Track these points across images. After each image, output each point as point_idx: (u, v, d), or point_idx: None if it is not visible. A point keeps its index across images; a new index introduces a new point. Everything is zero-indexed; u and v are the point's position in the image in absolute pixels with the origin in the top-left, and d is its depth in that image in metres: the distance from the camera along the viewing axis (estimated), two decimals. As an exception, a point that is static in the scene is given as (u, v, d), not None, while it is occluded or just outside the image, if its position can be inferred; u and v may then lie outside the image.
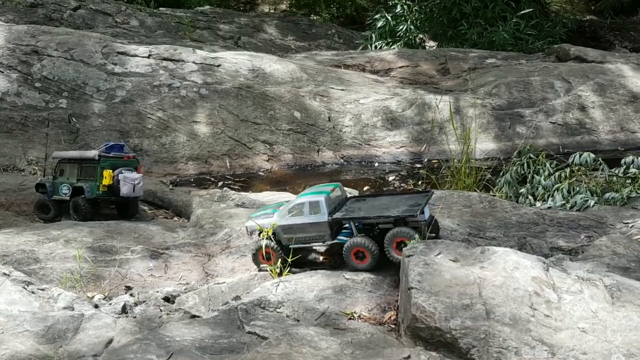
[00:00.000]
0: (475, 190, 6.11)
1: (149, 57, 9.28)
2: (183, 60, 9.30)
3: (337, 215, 4.53)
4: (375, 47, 13.41)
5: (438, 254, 3.82)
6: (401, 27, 13.17)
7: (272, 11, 17.67)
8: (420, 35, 13.49)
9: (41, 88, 8.72)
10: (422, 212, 4.34)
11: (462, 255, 3.83)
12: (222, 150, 8.54)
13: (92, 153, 6.09)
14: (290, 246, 4.66)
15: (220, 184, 8.08)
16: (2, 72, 8.71)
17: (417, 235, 4.21)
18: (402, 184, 7.91)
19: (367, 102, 8.96)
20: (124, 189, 5.93)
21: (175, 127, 8.62)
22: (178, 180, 8.17)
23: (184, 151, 8.49)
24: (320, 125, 8.78)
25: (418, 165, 8.42)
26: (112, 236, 5.55)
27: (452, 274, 3.57)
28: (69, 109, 8.62)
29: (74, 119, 8.55)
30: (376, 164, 8.56)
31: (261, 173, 8.40)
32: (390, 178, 8.11)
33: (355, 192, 6.84)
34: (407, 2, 13.37)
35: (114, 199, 6.11)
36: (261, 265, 4.77)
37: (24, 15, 12.45)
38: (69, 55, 9.03)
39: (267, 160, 8.51)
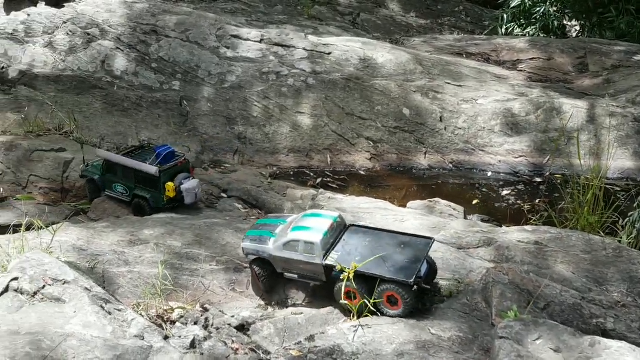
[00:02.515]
0: (598, 233, 5.27)
1: (260, 41, 9.11)
2: (294, 47, 9.02)
3: (331, 260, 4.43)
4: (506, 29, 12.19)
5: (537, 339, 3.26)
6: (538, 8, 11.81)
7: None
8: (561, 21, 12.04)
9: (157, 69, 8.91)
10: (419, 271, 4.20)
11: (567, 345, 3.23)
12: (324, 144, 8.25)
13: (153, 170, 6.13)
14: (286, 275, 4.70)
15: (318, 180, 7.83)
16: (123, 51, 9.00)
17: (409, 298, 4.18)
18: (518, 202, 7.13)
19: (486, 102, 8.14)
20: (188, 199, 6.20)
21: (279, 117, 8.44)
22: (277, 172, 8.04)
23: (286, 142, 8.31)
24: (430, 125, 8.14)
25: (538, 180, 7.54)
26: (200, 242, 5.52)
27: (550, 375, 3.01)
28: (181, 92, 8.76)
29: (185, 102, 8.68)
30: (489, 174, 7.80)
31: (362, 172, 8.01)
32: (504, 193, 7.34)
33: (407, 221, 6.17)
34: (547, -19, 11.94)
35: (177, 205, 6.30)
36: (342, 302, 4.47)
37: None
38: (185, 37, 9.11)
39: (370, 159, 8.09)
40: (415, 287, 4.17)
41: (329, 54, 8.95)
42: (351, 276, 4.25)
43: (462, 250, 5.15)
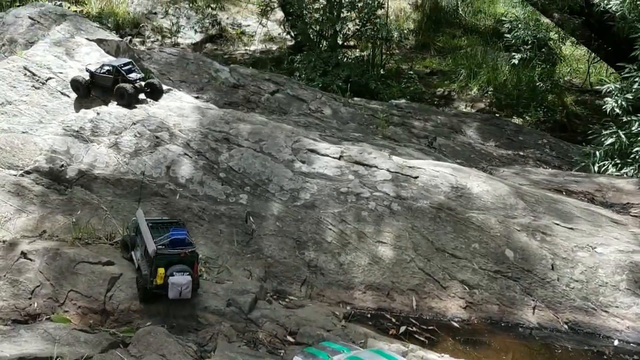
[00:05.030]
0: None
1: (339, 158, 8.27)
2: (376, 167, 8.12)
3: None
4: (599, 167, 11.11)
5: None
6: (637, 148, 10.75)
7: (471, 110, 16.25)
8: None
9: (225, 179, 8.11)
10: None
11: None
12: (408, 283, 7.01)
13: (151, 249, 6.03)
14: None
15: (402, 329, 6.50)
16: (191, 158, 8.29)
17: None
18: (659, 386, 5.58)
19: (607, 252, 6.84)
20: (171, 294, 5.90)
21: (357, 245, 7.33)
22: (352, 312, 6.78)
23: (363, 276, 7.12)
24: (539, 272, 6.83)
25: (680, 356, 6.00)
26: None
27: None
28: (247, 206, 7.84)
29: (250, 219, 7.72)
30: (615, 342, 6.31)
31: (454, 323, 6.65)
32: (638, 370, 5.82)
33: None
34: (648, 119, 10.99)
35: (164, 293, 5.95)
36: None
37: (225, 95, 12.55)
38: (258, 147, 8.38)
39: (465, 308, 6.75)
40: None
41: (416, 177, 7.97)
42: None
43: None
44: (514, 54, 16.59)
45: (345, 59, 16.96)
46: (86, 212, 7.65)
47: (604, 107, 11.61)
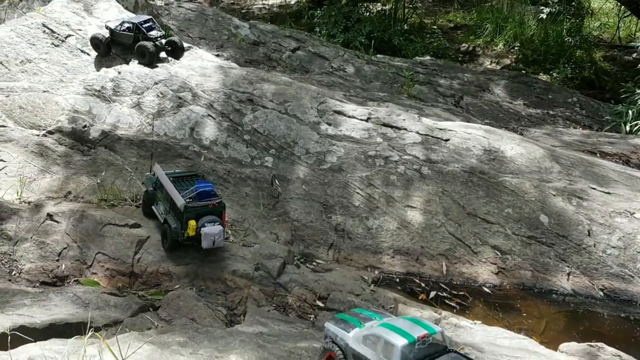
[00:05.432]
0: None
1: (367, 120, 8.02)
2: (405, 129, 7.87)
3: None
4: (631, 127, 10.72)
5: None
6: (673, 107, 10.34)
7: (496, 66, 15.71)
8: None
9: (249, 141, 7.93)
10: None
11: None
12: (438, 248, 6.87)
13: (180, 202, 6.01)
14: None
15: (432, 294, 6.40)
16: (214, 119, 8.11)
17: None
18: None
19: (646, 217, 6.61)
20: (204, 244, 5.95)
21: (385, 210, 7.17)
22: (380, 277, 6.68)
23: (391, 241, 6.99)
24: (574, 238, 6.64)
25: None
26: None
27: None
28: (273, 169, 7.69)
29: (276, 182, 7.58)
30: (654, 310, 6.16)
31: (486, 289, 6.53)
32: (678, 340, 5.67)
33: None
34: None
35: (196, 244, 6.06)
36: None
37: (245, 53, 12.22)
38: (283, 109, 8.15)
39: (496, 274, 6.61)
40: None
41: (447, 140, 7.73)
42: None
43: None
44: (542, 7, 15.89)
45: (368, 14, 16.39)
46: (110, 173, 7.56)
47: (639, 65, 11.12)
